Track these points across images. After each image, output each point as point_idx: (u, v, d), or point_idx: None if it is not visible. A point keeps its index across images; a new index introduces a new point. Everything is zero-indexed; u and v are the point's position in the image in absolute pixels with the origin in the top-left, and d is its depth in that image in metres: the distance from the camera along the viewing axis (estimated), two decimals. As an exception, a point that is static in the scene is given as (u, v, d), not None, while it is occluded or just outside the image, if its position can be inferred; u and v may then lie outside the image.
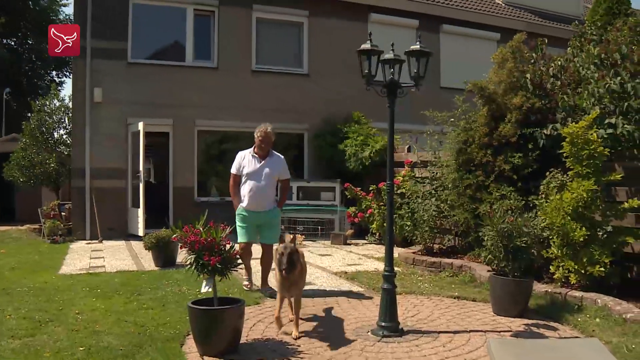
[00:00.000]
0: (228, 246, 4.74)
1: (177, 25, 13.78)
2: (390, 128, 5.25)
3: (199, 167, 13.84)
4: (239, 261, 4.92)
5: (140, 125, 12.33)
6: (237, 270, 5.54)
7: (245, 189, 6.84)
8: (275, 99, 14.16)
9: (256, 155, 6.89)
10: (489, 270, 6.66)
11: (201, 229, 4.69)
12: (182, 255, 4.75)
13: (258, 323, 5.58)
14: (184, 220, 4.90)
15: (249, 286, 7.09)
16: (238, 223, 6.89)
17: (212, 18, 14.00)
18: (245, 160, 6.90)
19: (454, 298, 6.69)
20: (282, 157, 7.14)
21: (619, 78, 7.10)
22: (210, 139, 14.29)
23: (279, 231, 7.03)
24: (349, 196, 12.20)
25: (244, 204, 6.84)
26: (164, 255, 8.79)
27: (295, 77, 14.70)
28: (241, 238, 6.89)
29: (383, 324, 5.23)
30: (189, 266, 4.71)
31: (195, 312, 4.69)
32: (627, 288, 6.41)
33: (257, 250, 7.06)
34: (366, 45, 5.13)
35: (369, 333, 5.26)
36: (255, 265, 7.26)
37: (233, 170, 6.99)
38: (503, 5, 18.52)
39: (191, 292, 6.75)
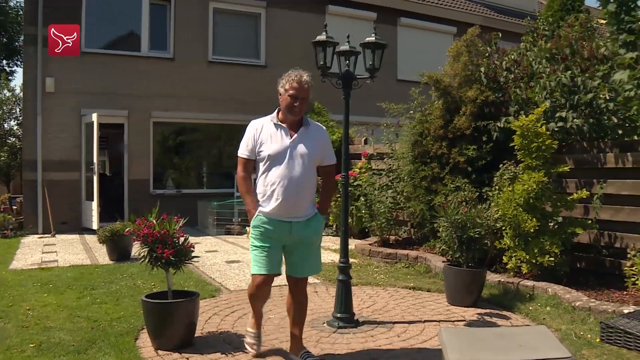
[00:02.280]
0: (182, 239, 4.68)
1: (132, 14, 13.51)
2: (346, 120, 5.26)
3: (154, 159, 13.66)
4: (194, 254, 4.84)
5: (94, 117, 12.08)
6: (192, 264, 5.48)
7: (268, 183, 4.10)
8: (232, 90, 14.08)
9: (282, 125, 4.17)
10: (443, 261, 6.75)
11: (154, 221, 4.63)
12: (137, 249, 4.68)
13: (214, 316, 5.54)
14: (140, 213, 4.83)
15: (254, 348, 4.50)
16: (254, 240, 4.16)
17: (168, 7, 13.80)
18: (264, 134, 4.16)
19: (410, 289, 6.76)
20: (323, 127, 4.47)
21: (569, 72, 7.26)
22: (166, 131, 14.11)
23: (320, 256, 4.46)
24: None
25: (266, 208, 4.10)
26: (118, 248, 8.65)
27: (252, 68, 14.61)
28: (258, 267, 4.12)
29: (338, 315, 5.25)
30: (142, 259, 4.65)
31: (149, 306, 4.63)
32: (576, 277, 6.59)
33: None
34: (321, 37, 5.14)
35: (324, 324, 5.27)
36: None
37: (242, 151, 4.22)
38: (460, -1, 18.76)
39: (146, 286, 6.68)
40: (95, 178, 12.08)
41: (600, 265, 6.82)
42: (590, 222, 6.76)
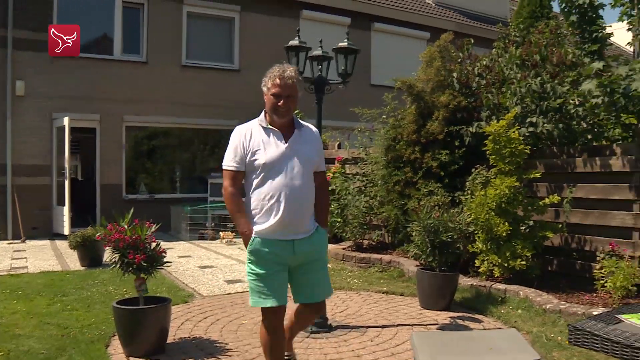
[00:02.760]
0: (154, 244, 4.65)
1: (104, 17, 13.39)
2: (318, 124, 5.28)
3: (127, 164, 13.53)
4: (166, 259, 4.81)
5: (66, 120, 11.94)
6: (164, 269, 5.44)
7: (264, 196, 3.52)
8: (205, 95, 14.02)
9: (273, 129, 3.62)
10: (416, 265, 6.78)
11: (126, 226, 4.59)
12: (109, 254, 4.63)
13: (186, 322, 5.50)
14: (112, 219, 4.78)
15: None
16: (253, 267, 3.55)
17: (141, 11, 13.70)
18: (254, 140, 3.59)
19: (383, 293, 6.79)
20: (315, 128, 3.93)
21: (539, 78, 7.36)
22: (139, 135, 13.99)
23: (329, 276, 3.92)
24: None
25: (263, 226, 3.52)
26: (90, 254, 8.54)
27: (226, 73, 14.57)
28: (264, 298, 3.54)
29: (312, 320, 5.25)
30: (114, 265, 4.60)
31: (120, 313, 4.59)
32: (547, 280, 6.67)
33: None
34: (294, 42, 5.16)
35: (298, 329, 5.27)
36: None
37: (229, 163, 3.61)
38: (433, 5, 18.91)
39: (117, 292, 6.61)
40: (66, 183, 11.93)
41: (571, 268, 6.91)
42: (560, 225, 6.85)
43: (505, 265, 6.38)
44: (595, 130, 7.52)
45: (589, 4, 7.53)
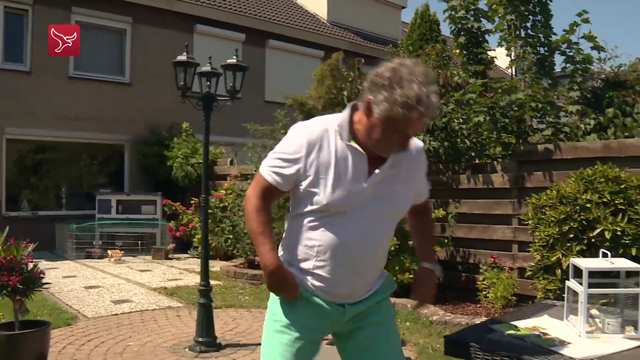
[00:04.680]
0: (31, 265, 4.42)
1: (-15, 23, 12.66)
2: (205, 141, 5.23)
3: (8, 179, 12.79)
4: (48, 279, 4.58)
5: (-61, 133, 11.18)
6: (46, 290, 5.18)
7: (315, 247, 2.22)
8: (94, 108, 13.50)
9: (357, 149, 2.18)
10: (308, 281, 6.82)
11: (0, 247, 4.34)
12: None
13: (68, 345, 5.26)
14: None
15: None
16: (274, 323, 2.31)
17: (25, 17, 13.02)
18: (324, 155, 2.18)
19: (274, 309, 6.78)
20: (421, 142, 2.41)
21: (426, 98, 7.65)
22: (22, 149, 13.29)
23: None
24: (167, 212, 11.97)
25: (306, 278, 2.26)
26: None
27: (116, 86, 14.11)
28: None
29: (200, 339, 5.17)
30: (-14, 288, 4.33)
31: (-7, 338, 4.33)
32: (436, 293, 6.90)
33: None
34: (182, 57, 5.09)
35: (186, 349, 5.17)
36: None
37: (271, 171, 2.24)
38: (328, 24, 19.25)
39: (-8, 316, 6.22)
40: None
41: (457, 280, 7.20)
42: (446, 240, 7.13)
43: (394, 279, 6.53)
44: (478, 148, 7.90)
45: (477, 28, 7.98)
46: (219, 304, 6.90)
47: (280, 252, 2.37)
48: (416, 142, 2.33)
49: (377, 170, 2.18)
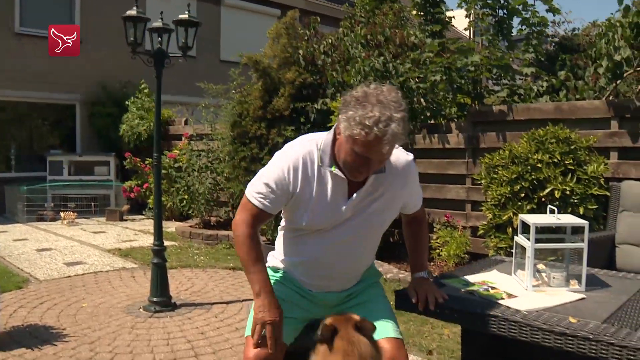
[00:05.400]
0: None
1: None
2: (157, 98, 5.11)
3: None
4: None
5: None
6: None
7: (298, 252, 2.45)
8: (43, 66, 13.02)
9: (338, 175, 2.26)
10: (264, 241, 6.84)
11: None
12: None
13: (20, 309, 5.16)
14: None
15: None
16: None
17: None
18: (303, 181, 2.27)
19: (230, 269, 6.79)
20: (411, 156, 2.45)
21: (382, 58, 7.63)
22: (-33, 109, 12.84)
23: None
24: (127, 167, 11.69)
25: (297, 271, 2.47)
26: None
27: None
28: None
29: (155, 299, 5.14)
30: None
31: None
32: (391, 251, 6.97)
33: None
34: (132, 12, 4.93)
35: (140, 309, 5.15)
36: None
37: (257, 196, 2.28)
38: (283, -18, 18.92)
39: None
40: None
41: (411, 239, 7.28)
42: (400, 199, 7.19)
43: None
44: (434, 108, 7.94)
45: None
46: (174, 264, 6.87)
47: (271, 259, 2.56)
48: (404, 157, 2.40)
49: (354, 195, 2.28)
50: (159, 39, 5.01)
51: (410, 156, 2.43)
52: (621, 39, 5.71)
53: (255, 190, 2.29)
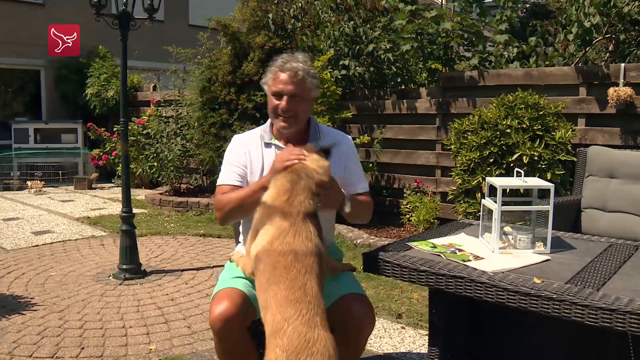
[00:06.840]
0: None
1: None
2: (123, 62, 4.99)
3: None
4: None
5: None
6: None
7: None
8: (6, 31, 12.70)
9: (278, 144, 2.65)
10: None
11: None
12: None
13: (-15, 277, 5.11)
14: None
15: None
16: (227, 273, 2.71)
17: None
18: (251, 162, 2.64)
19: (200, 236, 6.76)
20: (349, 136, 2.86)
21: (352, 23, 7.56)
22: None
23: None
24: (92, 137, 11.54)
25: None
26: None
27: (29, 7, 13.25)
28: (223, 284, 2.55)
29: (124, 266, 5.10)
30: None
31: None
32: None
33: None
34: (95, -27, 4.79)
35: (110, 277, 5.10)
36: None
37: (227, 179, 2.62)
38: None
39: None
40: None
41: (382, 205, 7.32)
42: (371, 164, 7.20)
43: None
44: (404, 74, 7.93)
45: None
46: (144, 231, 6.82)
47: (238, 248, 2.87)
48: (342, 135, 2.78)
49: None
50: (124, 1, 4.88)
51: (349, 137, 2.80)
52: (591, 5, 5.73)
53: (222, 175, 2.64)
